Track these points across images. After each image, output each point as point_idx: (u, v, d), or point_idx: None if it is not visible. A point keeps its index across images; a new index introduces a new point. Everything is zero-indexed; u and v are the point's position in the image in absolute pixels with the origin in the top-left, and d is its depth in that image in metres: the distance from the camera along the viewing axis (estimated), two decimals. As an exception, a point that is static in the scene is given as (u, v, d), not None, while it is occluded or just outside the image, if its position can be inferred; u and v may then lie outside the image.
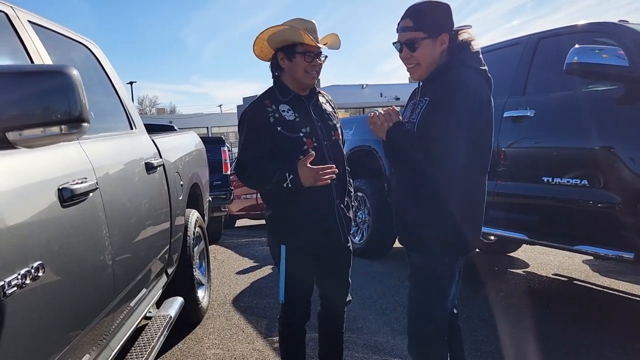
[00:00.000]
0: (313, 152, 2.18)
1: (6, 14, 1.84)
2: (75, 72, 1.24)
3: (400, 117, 2.00)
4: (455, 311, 2.15)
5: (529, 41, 3.88)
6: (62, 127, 1.21)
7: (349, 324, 3.56)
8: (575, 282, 4.61)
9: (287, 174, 2.14)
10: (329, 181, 2.16)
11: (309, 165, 2.12)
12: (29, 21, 2.00)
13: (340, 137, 2.40)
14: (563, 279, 4.72)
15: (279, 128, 2.21)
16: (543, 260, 5.36)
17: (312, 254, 2.32)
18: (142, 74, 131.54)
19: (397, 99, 30.38)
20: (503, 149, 3.74)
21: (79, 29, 2.64)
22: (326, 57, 2.31)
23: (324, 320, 2.54)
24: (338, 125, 2.39)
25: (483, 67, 1.96)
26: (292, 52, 2.23)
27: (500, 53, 4.09)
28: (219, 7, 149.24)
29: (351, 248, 2.46)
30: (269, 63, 2.36)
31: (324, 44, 2.28)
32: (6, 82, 1.16)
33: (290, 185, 2.14)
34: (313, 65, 2.24)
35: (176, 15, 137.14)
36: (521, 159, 3.76)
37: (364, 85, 31.98)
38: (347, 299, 2.50)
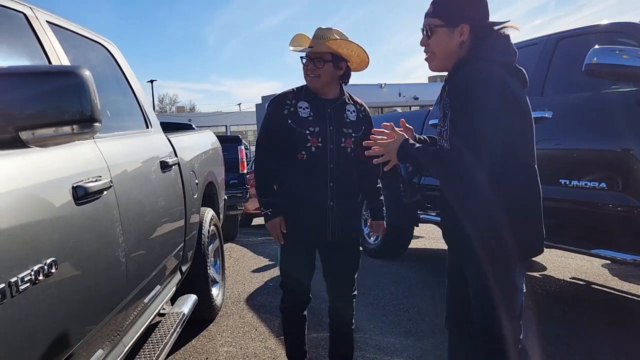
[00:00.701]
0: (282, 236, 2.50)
1: (25, 15, 1.88)
2: (87, 73, 1.26)
3: (410, 133, 1.92)
4: None
5: (547, 41, 3.83)
6: (74, 126, 1.23)
7: (361, 324, 3.56)
8: (593, 286, 4.54)
9: (270, 210, 2.49)
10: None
11: (280, 230, 2.49)
12: (47, 21, 2.03)
13: (352, 145, 2.48)
14: (581, 282, 4.64)
15: (289, 121, 2.41)
16: (561, 263, 5.29)
17: (304, 246, 2.52)
18: (162, 72, 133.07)
19: (416, 98, 30.25)
20: (520, 151, 3.69)
21: (100, 27, 2.69)
22: (325, 62, 2.37)
23: (332, 316, 2.66)
24: (354, 135, 2.48)
25: (510, 59, 1.79)
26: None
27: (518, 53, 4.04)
28: (239, 6, 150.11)
29: (357, 243, 2.63)
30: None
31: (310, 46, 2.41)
32: (20, 82, 1.19)
33: (263, 215, 2.54)
34: (308, 69, 2.42)
35: (197, 13, 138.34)
36: (538, 160, 3.68)
37: (383, 85, 31.86)
38: (352, 293, 2.60)
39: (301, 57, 2.43)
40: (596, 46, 3.04)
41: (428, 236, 6.87)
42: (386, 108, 28.00)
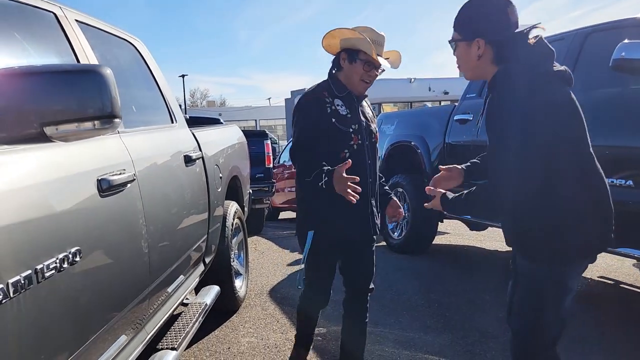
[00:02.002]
0: (350, 160, 2.22)
1: (55, 14, 1.96)
2: (108, 71, 1.32)
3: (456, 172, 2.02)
4: None
5: (575, 36, 3.75)
6: (95, 122, 1.30)
7: (381, 318, 3.59)
8: (622, 285, 4.44)
9: (323, 175, 2.24)
10: (352, 199, 2.17)
11: (344, 175, 2.17)
12: (76, 20, 2.11)
13: (377, 139, 2.56)
14: (609, 281, 4.55)
15: (333, 120, 2.37)
16: (589, 262, 5.18)
17: (339, 243, 2.48)
18: (194, 66, 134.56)
19: (446, 93, 29.82)
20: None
21: (134, 23, 2.79)
22: (383, 70, 2.42)
23: (347, 308, 2.68)
24: (376, 131, 2.56)
25: (539, 60, 1.75)
26: (354, 57, 2.37)
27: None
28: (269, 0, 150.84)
29: (375, 238, 2.61)
30: (333, 57, 2.48)
31: (386, 58, 2.41)
32: (45, 80, 1.26)
33: (323, 186, 2.24)
34: (369, 75, 2.39)
35: (228, 7, 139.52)
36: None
37: (412, 80, 31.53)
38: (370, 287, 2.62)
39: (365, 61, 2.34)
40: (625, 41, 2.98)
41: (453, 232, 6.83)
42: (416, 103, 27.73)
